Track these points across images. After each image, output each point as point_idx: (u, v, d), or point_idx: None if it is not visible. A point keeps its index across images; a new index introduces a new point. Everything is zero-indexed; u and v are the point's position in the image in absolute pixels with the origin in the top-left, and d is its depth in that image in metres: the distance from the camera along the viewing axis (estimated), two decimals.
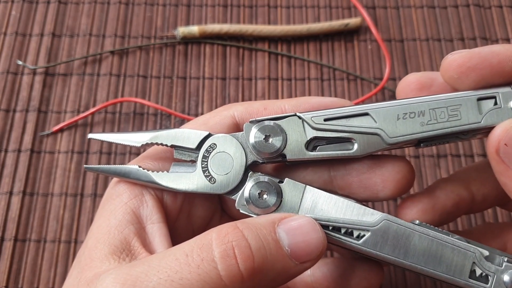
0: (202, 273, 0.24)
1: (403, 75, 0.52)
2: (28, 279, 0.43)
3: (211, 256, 0.24)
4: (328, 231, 0.28)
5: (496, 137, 0.27)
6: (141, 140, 0.29)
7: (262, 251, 0.25)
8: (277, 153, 0.28)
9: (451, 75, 0.28)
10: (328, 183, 0.31)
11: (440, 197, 0.31)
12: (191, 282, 0.24)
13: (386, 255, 0.27)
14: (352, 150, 0.29)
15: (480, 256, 0.27)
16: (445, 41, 0.54)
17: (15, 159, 0.47)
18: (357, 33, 0.54)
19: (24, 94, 0.50)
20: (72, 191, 0.46)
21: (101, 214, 0.29)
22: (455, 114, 0.28)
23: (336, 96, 0.51)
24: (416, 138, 0.28)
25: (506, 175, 0.27)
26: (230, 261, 0.24)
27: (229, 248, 0.25)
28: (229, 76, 0.52)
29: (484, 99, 0.28)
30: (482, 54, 0.28)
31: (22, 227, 0.45)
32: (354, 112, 0.29)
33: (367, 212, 0.28)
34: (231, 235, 0.25)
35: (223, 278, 0.24)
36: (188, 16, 0.55)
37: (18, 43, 0.53)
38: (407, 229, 0.27)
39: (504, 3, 0.56)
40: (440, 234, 0.28)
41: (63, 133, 0.49)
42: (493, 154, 0.27)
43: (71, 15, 0.55)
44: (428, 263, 0.27)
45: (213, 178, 0.29)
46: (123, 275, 0.24)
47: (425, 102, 0.29)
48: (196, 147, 0.29)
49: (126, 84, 0.51)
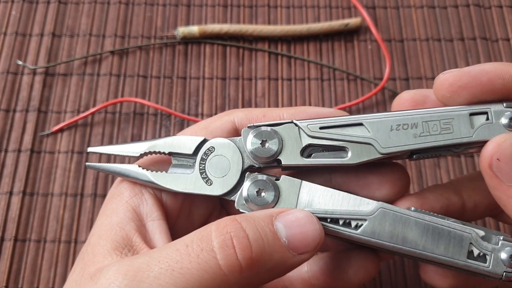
0: (202, 262, 0.25)
1: (403, 75, 0.52)
2: (28, 279, 0.43)
3: (211, 246, 0.25)
4: (326, 223, 0.28)
5: (489, 152, 0.28)
6: (139, 150, 0.30)
7: (260, 242, 0.26)
8: (272, 158, 0.29)
9: (444, 94, 0.30)
10: (327, 181, 0.32)
11: (429, 198, 0.32)
12: (191, 271, 0.24)
13: (385, 242, 0.28)
14: (346, 158, 0.29)
15: (476, 237, 0.28)
16: (445, 41, 0.54)
17: (15, 159, 0.47)
18: (357, 33, 0.54)
19: (24, 94, 0.50)
20: (72, 191, 0.46)
21: (103, 212, 0.30)
22: (447, 127, 0.29)
23: (336, 96, 0.51)
24: (409, 149, 0.29)
25: (499, 190, 0.28)
26: (228, 251, 0.25)
27: (227, 238, 0.25)
28: (229, 76, 0.52)
29: (476, 114, 0.29)
30: (472, 73, 0.29)
31: (22, 227, 0.45)
32: (349, 122, 0.30)
33: (363, 202, 0.29)
34: (230, 226, 0.26)
35: (222, 267, 0.25)
36: (188, 16, 0.55)
37: (18, 43, 0.53)
38: (403, 215, 0.28)
39: (504, 3, 0.56)
40: (435, 218, 0.28)
41: (63, 133, 0.49)
42: (486, 169, 0.28)
43: (71, 15, 0.55)
44: (426, 247, 0.28)
45: (210, 180, 0.30)
46: (125, 266, 0.25)
47: (418, 115, 0.30)
48: (193, 153, 0.30)
49: (126, 84, 0.51)
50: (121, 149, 0.31)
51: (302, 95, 0.51)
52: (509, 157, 0.27)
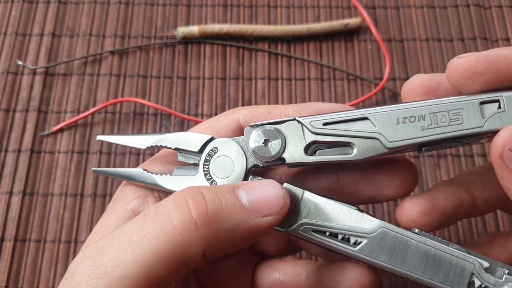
0: (157, 226, 0.25)
1: (403, 75, 0.52)
2: (28, 279, 0.43)
3: (166, 210, 0.25)
4: (325, 237, 0.28)
5: (500, 142, 0.26)
6: (146, 142, 0.30)
7: (216, 201, 0.26)
8: (276, 156, 0.29)
9: (457, 79, 0.28)
10: (335, 181, 0.31)
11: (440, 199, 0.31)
12: (146, 237, 0.24)
13: (383, 262, 0.27)
14: (351, 155, 0.28)
15: (480, 267, 0.27)
16: (445, 41, 0.54)
17: (15, 159, 0.47)
18: (357, 33, 0.54)
19: (24, 94, 0.50)
20: (72, 191, 0.46)
21: (105, 213, 0.30)
22: (456, 118, 0.28)
23: (336, 96, 0.51)
24: (417, 142, 0.28)
25: (509, 180, 0.27)
26: (182, 209, 0.25)
27: (182, 199, 0.25)
28: (229, 76, 0.52)
29: (487, 102, 0.28)
30: (489, 58, 0.27)
31: (22, 227, 0.45)
32: (353, 116, 0.29)
33: (365, 219, 0.28)
34: (187, 190, 0.26)
35: (176, 226, 0.24)
36: (188, 16, 0.55)
37: (18, 43, 0.53)
38: (405, 237, 0.27)
39: (504, 3, 0.56)
40: (438, 243, 0.27)
41: (63, 133, 0.49)
42: (497, 159, 0.27)
43: (71, 15, 0.55)
44: (425, 272, 0.27)
45: (214, 181, 0.29)
46: (90, 249, 0.25)
47: (426, 106, 0.28)
48: (198, 150, 0.30)
49: (126, 84, 0.51)
50: (130, 140, 0.31)
51: (302, 95, 0.51)
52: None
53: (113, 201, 0.30)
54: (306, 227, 0.28)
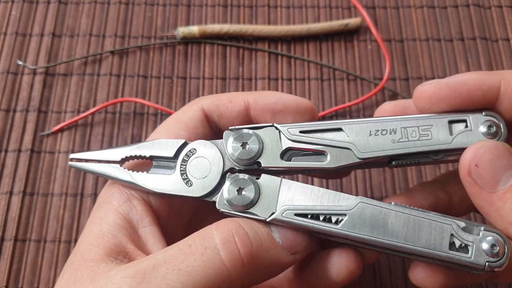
0: (206, 259, 0.25)
1: (403, 75, 0.52)
2: (28, 279, 0.43)
3: (213, 243, 0.26)
4: (307, 219, 0.28)
5: (467, 159, 0.28)
6: (119, 155, 0.31)
7: (258, 239, 0.27)
8: (252, 160, 0.30)
9: (422, 105, 0.30)
10: None
11: (418, 197, 0.33)
12: (196, 269, 0.25)
13: (365, 235, 0.28)
14: (324, 162, 0.30)
15: (457, 228, 0.28)
16: (445, 41, 0.54)
17: (15, 159, 0.47)
18: (357, 33, 0.54)
19: (24, 94, 0.50)
20: (72, 191, 0.46)
21: (91, 220, 0.30)
22: (426, 134, 0.30)
23: (336, 96, 0.51)
24: (387, 155, 0.30)
25: (480, 198, 0.28)
26: (231, 246, 0.26)
27: (229, 235, 0.26)
28: (229, 76, 0.52)
29: (455, 122, 0.30)
30: (451, 85, 0.29)
31: (22, 227, 0.45)
32: (329, 126, 0.30)
33: (343, 197, 0.29)
34: (230, 225, 0.27)
35: (226, 263, 0.26)
36: (188, 16, 0.55)
37: (18, 43, 0.53)
38: (383, 208, 0.28)
39: (504, 3, 0.56)
40: (415, 210, 0.28)
41: (63, 133, 0.49)
42: (466, 177, 0.28)
43: (71, 15, 0.55)
44: (407, 240, 0.28)
45: (190, 181, 0.30)
46: (131, 270, 0.25)
47: (397, 121, 0.30)
48: (173, 156, 0.30)
49: (126, 84, 0.51)
50: (102, 155, 0.31)
51: (302, 95, 0.51)
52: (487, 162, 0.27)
53: (97, 208, 0.30)
54: (288, 211, 0.28)
